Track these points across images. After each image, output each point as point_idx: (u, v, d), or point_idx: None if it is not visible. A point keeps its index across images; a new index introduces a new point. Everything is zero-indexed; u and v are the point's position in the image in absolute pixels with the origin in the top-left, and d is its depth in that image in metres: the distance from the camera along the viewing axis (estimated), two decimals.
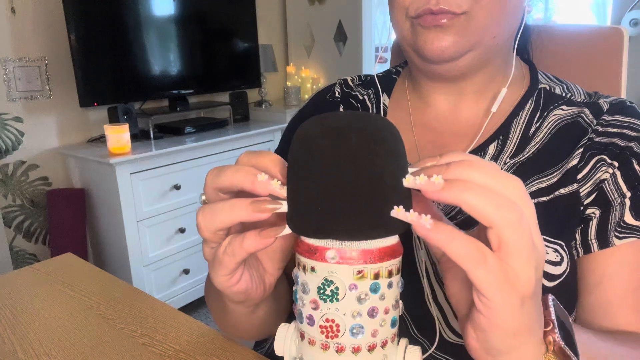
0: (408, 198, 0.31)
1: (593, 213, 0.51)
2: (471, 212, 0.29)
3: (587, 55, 0.73)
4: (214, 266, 0.37)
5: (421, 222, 0.29)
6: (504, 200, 0.29)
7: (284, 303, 0.53)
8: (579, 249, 0.51)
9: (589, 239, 0.51)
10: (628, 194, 0.50)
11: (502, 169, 0.36)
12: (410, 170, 0.31)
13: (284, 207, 0.32)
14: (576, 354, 0.34)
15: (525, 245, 0.29)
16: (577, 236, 0.51)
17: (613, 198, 0.50)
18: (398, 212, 0.29)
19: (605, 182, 0.51)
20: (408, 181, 0.30)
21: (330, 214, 0.30)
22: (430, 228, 0.28)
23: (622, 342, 0.45)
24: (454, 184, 0.29)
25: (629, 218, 0.50)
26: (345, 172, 0.29)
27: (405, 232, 0.31)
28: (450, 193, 0.29)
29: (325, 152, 0.30)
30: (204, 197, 0.37)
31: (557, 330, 0.33)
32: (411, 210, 0.29)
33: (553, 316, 0.34)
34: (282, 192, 0.32)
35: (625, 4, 2.10)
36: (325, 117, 0.32)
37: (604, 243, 0.50)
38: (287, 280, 0.55)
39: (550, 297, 0.36)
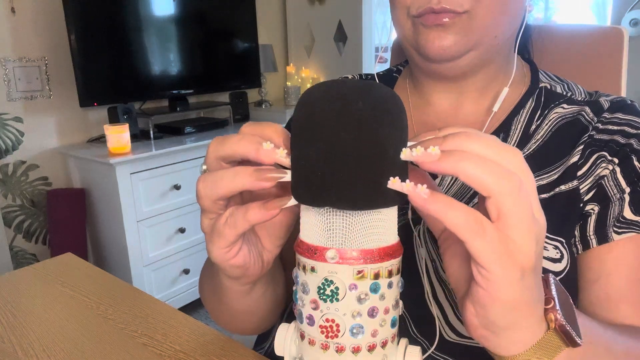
0: (405, 171, 0.30)
1: (592, 209, 0.51)
2: (469, 182, 0.28)
3: (587, 55, 0.73)
4: (213, 238, 0.36)
5: (417, 192, 0.28)
6: (503, 169, 0.28)
7: (280, 286, 0.52)
8: (578, 246, 0.51)
9: (588, 234, 0.51)
10: (627, 190, 0.50)
11: None
12: (408, 144, 0.30)
13: (287, 176, 0.31)
14: (578, 334, 0.33)
15: (525, 215, 0.28)
16: (577, 233, 0.51)
17: (612, 194, 0.50)
18: (394, 182, 0.29)
19: (605, 178, 0.51)
20: (405, 154, 0.29)
21: (329, 181, 0.29)
22: (427, 198, 0.28)
23: (622, 332, 0.45)
24: (451, 154, 0.28)
25: (628, 213, 0.50)
26: (348, 138, 0.29)
27: (405, 225, 0.30)
28: (447, 163, 0.28)
29: (329, 117, 0.29)
30: (204, 167, 0.36)
31: (558, 308, 0.33)
32: (407, 181, 0.29)
33: (554, 294, 0.33)
34: (287, 161, 0.31)
35: (625, 4, 2.10)
36: (331, 84, 0.31)
37: (602, 238, 0.50)
38: (282, 265, 0.54)
39: (551, 276, 0.35)
